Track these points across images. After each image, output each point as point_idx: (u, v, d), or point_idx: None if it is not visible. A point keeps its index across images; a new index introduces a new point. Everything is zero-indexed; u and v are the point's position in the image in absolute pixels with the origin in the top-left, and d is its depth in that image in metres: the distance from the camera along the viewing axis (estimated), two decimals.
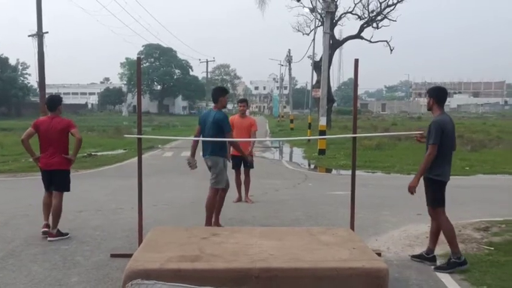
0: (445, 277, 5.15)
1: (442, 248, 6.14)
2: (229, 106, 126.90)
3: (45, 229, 6.70)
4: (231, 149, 7.90)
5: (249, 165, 9.11)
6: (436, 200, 5.44)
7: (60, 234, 6.67)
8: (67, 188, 6.91)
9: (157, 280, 3.81)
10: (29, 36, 17.42)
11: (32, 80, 70.38)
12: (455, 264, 5.27)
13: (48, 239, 6.55)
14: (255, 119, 9.78)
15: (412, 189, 5.46)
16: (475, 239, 6.53)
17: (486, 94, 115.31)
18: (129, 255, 4.43)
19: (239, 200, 9.28)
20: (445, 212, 5.47)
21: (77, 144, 6.72)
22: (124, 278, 3.89)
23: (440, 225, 5.48)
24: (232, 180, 9.32)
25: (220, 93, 7.09)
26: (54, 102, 6.92)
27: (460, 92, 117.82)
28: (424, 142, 5.56)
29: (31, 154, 6.96)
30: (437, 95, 5.55)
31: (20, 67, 71.53)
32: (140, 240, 5.32)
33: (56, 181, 6.80)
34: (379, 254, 5.27)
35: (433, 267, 5.45)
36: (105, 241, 6.49)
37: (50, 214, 6.76)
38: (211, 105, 7.33)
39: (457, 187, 11.50)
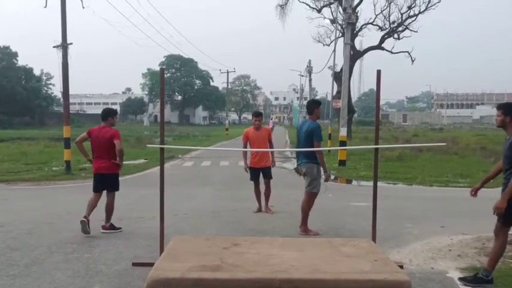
0: None
1: (465, 261, 6.07)
2: (250, 117, 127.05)
3: (84, 219, 7.25)
4: (249, 160, 9.30)
5: (268, 176, 9.23)
6: (510, 219, 5.19)
7: (112, 227, 7.59)
8: (116, 188, 7.80)
9: None
10: (53, 47, 17.67)
11: (56, 90, 71.74)
12: (481, 280, 5.16)
13: (102, 231, 7.50)
14: (269, 128, 9.96)
15: (500, 211, 5.07)
16: None
17: None
18: (151, 264, 4.45)
19: (259, 210, 9.28)
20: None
21: (118, 155, 7.58)
22: (146, 286, 3.90)
23: (496, 241, 5.26)
24: (252, 190, 9.37)
25: (314, 106, 7.71)
26: (105, 113, 7.81)
27: (482, 103, 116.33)
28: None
29: (85, 155, 8.00)
30: None
31: (44, 77, 72.95)
32: (161, 249, 5.34)
33: (107, 183, 7.72)
34: (401, 267, 5.20)
35: (457, 277, 5.36)
36: (126, 250, 6.54)
37: (91, 211, 7.49)
38: (232, 115, 7.62)
39: (480, 199, 11.33)
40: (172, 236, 5.52)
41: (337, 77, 30.96)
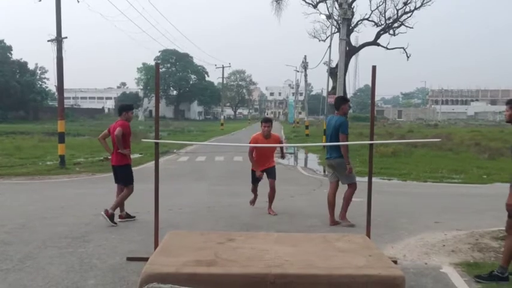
0: (462, 285, 5.10)
1: (459, 257, 6.10)
2: (245, 112, 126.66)
3: (120, 219, 7.86)
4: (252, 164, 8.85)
5: (272, 176, 8.84)
6: None
7: (111, 218, 7.58)
8: (127, 182, 7.96)
9: (173, 284, 3.84)
10: (48, 41, 17.56)
11: (50, 85, 71.37)
12: (496, 278, 5.15)
13: (102, 212, 7.62)
14: (279, 136, 9.36)
15: (509, 207, 5.06)
16: (493, 248, 6.45)
17: (504, 102, 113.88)
18: (145, 259, 4.45)
19: (254, 201, 9.20)
20: None
21: (113, 140, 7.85)
22: (140, 281, 3.91)
23: (508, 237, 5.23)
24: (246, 185, 9.36)
25: (341, 102, 7.98)
26: (120, 109, 8.27)
27: (477, 100, 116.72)
28: None
29: (107, 150, 8.28)
30: None
31: (38, 71, 72.50)
32: (156, 244, 5.33)
33: (118, 176, 8.04)
34: (395, 262, 5.22)
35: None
36: (121, 244, 6.53)
37: (119, 202, 7.98)
38: (227, 110, 7.60)
39: (474, 195, 11.41)
40: (167, 231, 5.52)
41: (332, 72, 30.93)
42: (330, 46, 31.25)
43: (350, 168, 7.69)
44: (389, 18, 33.78)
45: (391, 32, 34.16)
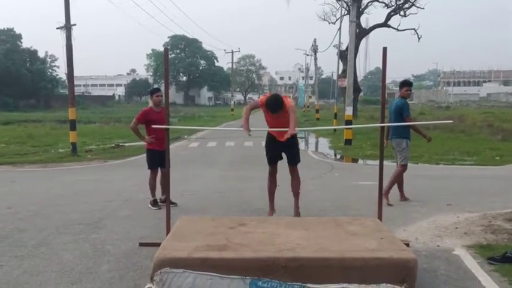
0: (475, 267, 5.07)
1: (472, 239, 6.07)
2: (255, 97, 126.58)
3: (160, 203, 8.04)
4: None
5: (293, 156, 6.94)
6: None
7: (152, 204, 7.96)
8: (148, 166, 8.13)
9: (185, 268, 3.87)
10: (57, 28, 17.54)
11: (61, 72, 71.39)
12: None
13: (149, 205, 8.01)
14: (289, 99, 6.79)
15: None
16: (506, 229, 6.41)
17: None
18: (158, 244, 4.48)
19: (272, 206, 7.26)
20: None
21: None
22: (153, 266, 3.94)
23: None
24: (256, 170, 9.35)
25: (402, 86, 8.44)
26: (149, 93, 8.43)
27: (489, 81, 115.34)
28: None
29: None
30: None
31: (48, 59, 72.58)
32: (168, 230, 5.37)
33: None
34: (407, 245, 5.21)
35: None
36: (133, 230, 6.58)
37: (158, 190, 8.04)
38: (237, 95, 7.45)
39: (487, 177, 11.33)
40: (178, 217, 5.55)
41: (342, 55, 30.74)
42: (339, 29, 31.03)
43: (429, 137, 8.67)
44: None
45: (402, 13, 33.76)
